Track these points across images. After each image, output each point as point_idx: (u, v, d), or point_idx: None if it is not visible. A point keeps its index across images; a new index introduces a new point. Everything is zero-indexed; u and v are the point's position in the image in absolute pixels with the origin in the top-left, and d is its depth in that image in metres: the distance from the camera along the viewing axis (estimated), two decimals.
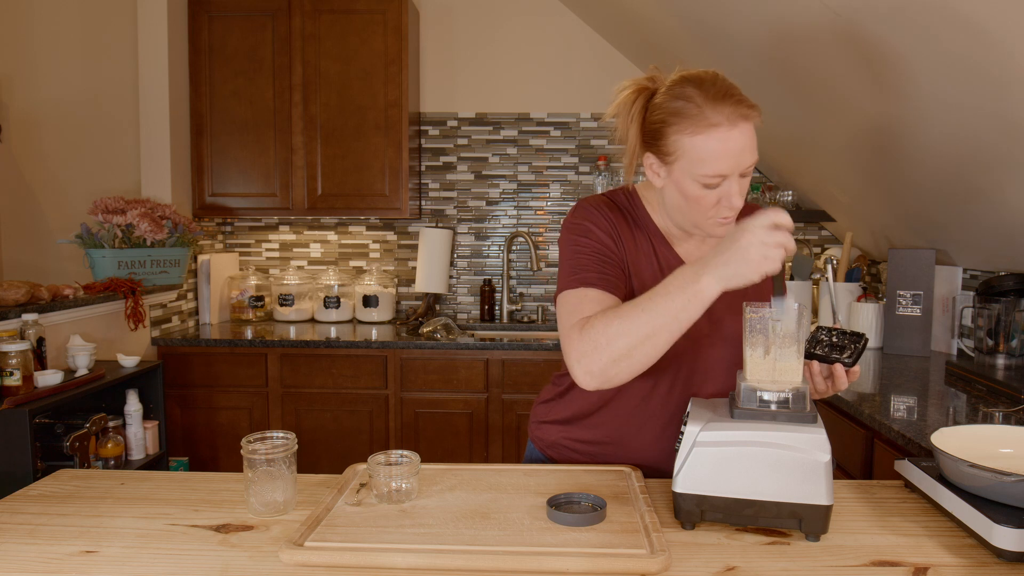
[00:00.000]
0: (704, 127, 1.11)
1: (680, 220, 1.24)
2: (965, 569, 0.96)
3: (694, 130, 1.12)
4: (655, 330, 1.05)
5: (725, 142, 1.11)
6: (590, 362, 1.09)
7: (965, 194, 2.21)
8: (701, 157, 1.12)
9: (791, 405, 1.07)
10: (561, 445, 1.40)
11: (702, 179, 1.14)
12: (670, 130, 1.15)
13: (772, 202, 3.36)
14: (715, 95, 1.12)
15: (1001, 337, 2.23)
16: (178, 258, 3.00)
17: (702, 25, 2.56)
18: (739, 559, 0.98)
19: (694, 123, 1.12)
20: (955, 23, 1.59)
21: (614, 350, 1.07)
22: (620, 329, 1.07)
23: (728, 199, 1.15)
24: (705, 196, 1.15)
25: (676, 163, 1.16)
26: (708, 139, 1.11)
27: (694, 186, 1.15)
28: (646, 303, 1.07)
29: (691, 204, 1.18)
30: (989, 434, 1.21)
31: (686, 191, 1.17)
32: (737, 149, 1.11)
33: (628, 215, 1.28)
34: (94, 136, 3.47)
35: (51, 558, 0.99)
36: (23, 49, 3.45)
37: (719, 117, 1.11)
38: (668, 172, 1.19)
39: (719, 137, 1.11)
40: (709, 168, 1.12)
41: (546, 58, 3.52)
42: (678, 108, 1.14)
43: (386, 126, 3.25)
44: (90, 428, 2.20)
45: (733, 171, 1.13)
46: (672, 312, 1.04)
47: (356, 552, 0.98)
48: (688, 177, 1.15)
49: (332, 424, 3.01)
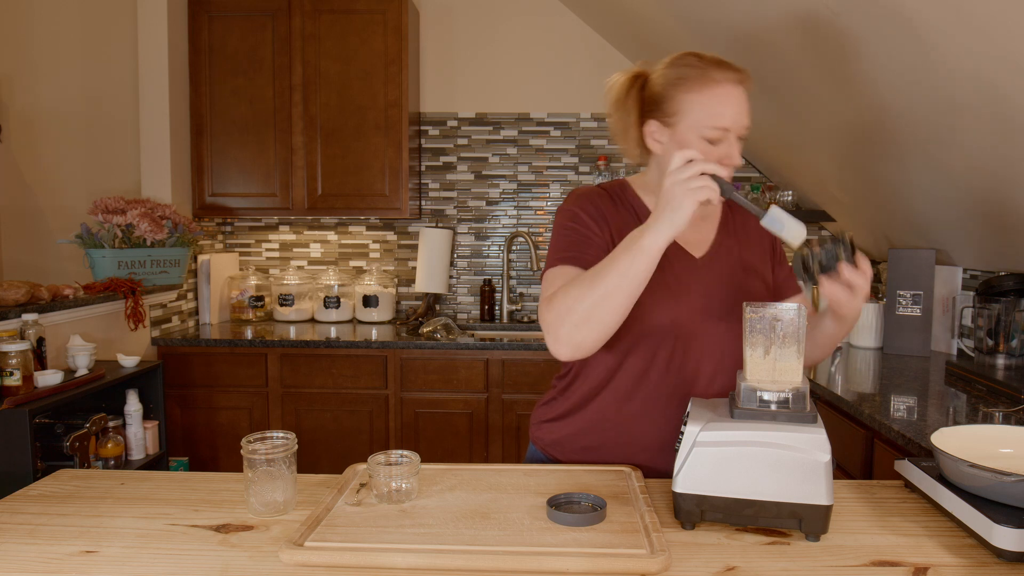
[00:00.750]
0: (710, 83, 1.21)
1: None
2: (965, 569, 0.96)
3: (700, 87, 1.21)
4: (609, 290, 1.12)
5: (729, 95, 1.21)
6: (557, 329, 1.16)
7: (965, 194, 2.21)
8: (708, 109, 1.21)
9: (791, 405, 1.07)
10: (561, 443, 1.40)
11: (708, 131, 1.21)
12: (674, 91, 1.23)
13: (772, 202, 3.36)
14: (714, 61, 1.23)
15: (1001, 337, 2.23)
16: (178, 258, 3.00)
17: (701, 24, 2.56)
18: (739, 559, 0.98)
19: (700, 81, 1.21)
20: (956, 22, 1.59)
21: (575, 315, 1.14)
22: (578, 294, 1.14)
23: (729, 157, 1.22)
24: (709, 151, 1.21)
25: (681, 122, 1.23)
26: (714, 93, 1.21)
27: (699, 142, 1.22)
28: (598, 267, 1.14)
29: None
30: (989, 434, 1.21)
31: (690, 147, 1.22)
32: (738, 104, 1.21)
33: (619, 201, 1.34)
34: (94, 136, 3.47)
35: (51, 558, 0.99)
36: (23, 49, 3.45)
37: (722, 75, 1.21)
38: (671, 134, 1.25)
39: (724, 91, 1.21)
40: (716, 119, 1.20)
41: (546, 58, 3.52)
42: (682, 73, 1.23)
43: (386, 126, 3.25)
44: (90, 428, 2.20)
45: (734, 125, 1.21)
46: (620, 270, 1.11)
47: (356, 552, 0.98)
48: (693, 132, 1.22)
49: (332, 424, 3.01)
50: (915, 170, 2.34)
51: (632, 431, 1.33)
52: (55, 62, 3.46)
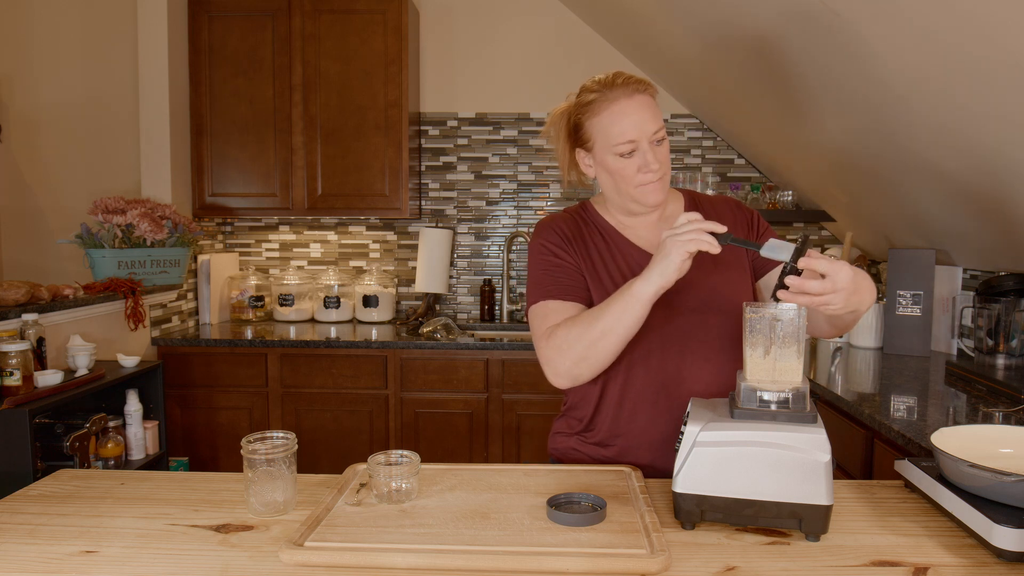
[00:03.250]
0: (605, 103, 1.30)
1: (619, 201, 1.38)
2: (965, 569, 0.96)
3: (599, 109, 1.31)
4: (604, 332, 1.23)
5: (624, 111, 1.29)
6: (556, 364, 1.28)
7: (965, 194, 2.21)
8: (609, 129, 1.30)
9: (791, 405, 1.07)
10: (572, 449, 1.44)
11: (616, 149, 1.30)
12: (583, 119, 1.33)
13: (772, 202, 3.36)
14: (609, 82, 1.32)
15: (1001, 337, 2.23)
16: (178, 258, 3.00)
17: (700, 23, 2.56)
18: (739, 559, 0.98)
19: (598, 104, 1.31)
20: (956, 21, 1.59)
21: (574, 352, 1.25)
22: (577, 334, 1.25)
23: (646, 164, 1.30)
24: (626, 166, 1.31)
25: (596, 146, 1.33)
26: (611, 112, 1.30)
27: (614, 160, 1.31)
28: (596, 311, 1.24)
29: (618, 179, 1.33)
30: (989, 434, 1.21)
31: (609, 167, 1.33)
32: (638, 114, 1.29)
33: (583, 221, 1.43)
34: (94, 136, 3.47)
35: (51, 558, 0.99)
36: (23, 49, 3.45)
37: (616, 94, 1.30)
38: (593, 158, 1.36)
39: (619, 108, 1.29)
40: (618, 136, 1.29)
41: (546, 58, 3.52)
42: (585, 100, 1.33)
43: (386, 126, 3.25)
44: (90, 428, 2.20)
45: (640, 136, 1.29)
46: (615, 315, 1.21)
47: (356, 552, 0.98)
48: (607, 153, 1.31)
49: (332, 424, 3.01)
50: (915, 170, 2.34)
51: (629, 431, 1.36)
52: (55, 62, 3.46)
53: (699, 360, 1.35)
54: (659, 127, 1.30)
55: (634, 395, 1.35)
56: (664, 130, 1.31)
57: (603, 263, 1.38)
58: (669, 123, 3.54)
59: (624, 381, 1.35)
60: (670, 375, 1.34)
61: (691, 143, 3.56)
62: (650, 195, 1.32)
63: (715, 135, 3.55)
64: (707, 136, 3.55)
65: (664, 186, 1.33)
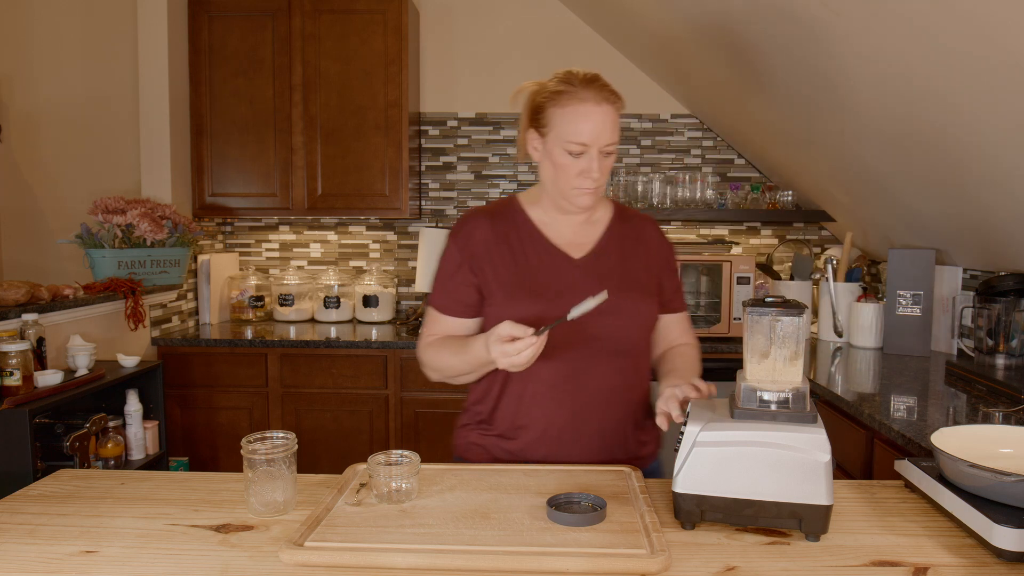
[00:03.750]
0: (575, 100, 1.33)
1: (553, 193, 1.42)
2: (965, 569, 0.96)
3: (567, 102, 1.34)
4: (459, 372, 1.41)
5: (589, 114, 1.32)
6: (429, 373, 1.47)
7: (965, 194, 2.21)
8: (568, 125, 1.33)
9: (791, 405, 1.07)
10: (473, 444, 1.48)
11: (568, 145, 1.33)
12: (548, 104, 1.36)
13: (772, 202, 3.36)
14: (586, 81, 1.35)
15: (1001, 337, 2.23)
16: (178, 258, 3.00)
17: (700, 23, 2.56)
18: (739, 559, 0.98)
19: (567, 97, 1.34)
20: (956, 22, 1.59)
21: (439, 374, 1.46)
22: (441, 364, 1.43)
23: (589, 171, 1.34)
24: (570, 164, 1.35)
25: (550, 133, 1.36)
26: (576, 110, 1.33)
27: (562, 155, 1.35)
28: (456, 352, 1.39)
29: (559, 172, 1.37)
30: (989, 434, 1.21)
31: (555, 159, 1.36)
32: (599, 123, 1.33)
33: (503, 217, 1.47)
34: (94, 136, 3.47)
35: (51, 558, 0.99)
36: (23, 49, 3.45)
37: (587, 95, 1.33)
38: (544, 143, 1.39)
39: (585, 110, 1.33)
40: (575, 135, 1.33)
41: (546, 58, 3.51)
42: (557, 88, 1.36)
43: (386, 126, 3.25)
44: (90, 428, 2.20)
45: (594, 142, 1.33)
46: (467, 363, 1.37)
47: (356, 552, 0.98)
48: (558, 145, 1.35)
49: (332, 424, 3.01)
50: (915, 170, 2.34)
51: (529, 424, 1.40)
52: (55, 62, 3.46)
53: (601, 358, 1.39)
54: (613, 141, 1.35)
55: (533, 391, 1.40)
56: (616, 145, 1.37)
57: (517, 260, 1.43)
58: (669, 123, 3.54)
59: (525, 377, 1.39)
60: (572, 373, 1.39)
61: (691, 143, 3.56)
62: (581, 199, 1.38)
63: (715, 135, 3.55)
64: (707, 136, 3.55)
65: (597, 195, 1.40)
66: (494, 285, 1.42)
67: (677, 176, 3.39)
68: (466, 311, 1.45)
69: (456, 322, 1.45)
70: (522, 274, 1.41)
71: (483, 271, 1.43)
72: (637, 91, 3.50)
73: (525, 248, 1.43)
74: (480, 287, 1.43)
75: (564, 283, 1.40)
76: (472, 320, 1.46)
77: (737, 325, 2.95)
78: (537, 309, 1.36)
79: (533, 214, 1.47)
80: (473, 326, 1.46)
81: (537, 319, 1.31)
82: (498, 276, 1.42)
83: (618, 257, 1.45)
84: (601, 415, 1.41)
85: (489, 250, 1.43)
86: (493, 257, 1.43)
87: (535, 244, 1.44)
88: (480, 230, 1.44)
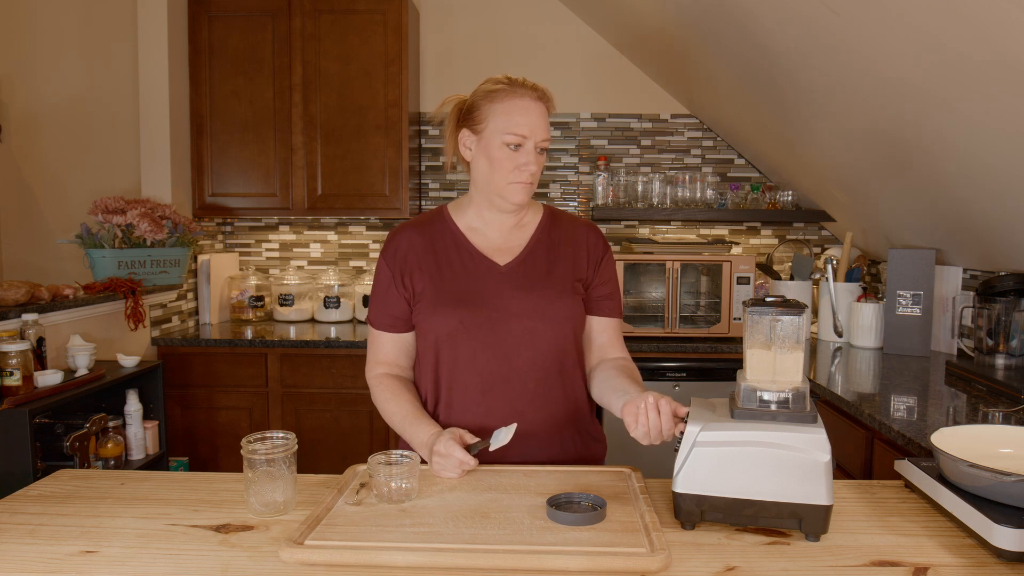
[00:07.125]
0: (512, 96, 1.39)
1: (486, 192, 1.43)
2: (965, 569, 0.96)
3: (503, 98, 1.39)
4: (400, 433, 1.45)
5: (527, 108, 1.38)
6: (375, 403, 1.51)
7: (964, 194, 2.21)
8: (508, 118, 1.37)
9: (791, 405, 1.07)
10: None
11: (507, 137, 1.37)
12: (483, 102, 1.40)
13: (772, 202, 3.36)
14: (518, 82, 1.41)
15: (1001, 337, 2.23)
16: (178, 258, 3.00)
17: (700, 22, 2.56)
18: (739, 559, 0.98)
19: (503, 94, 1.39)
20: (957, 23, 1.59)
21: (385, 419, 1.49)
22: (383, 410, 1.48)
23: (526, 165, 1.38)
24: (507, 157, 1.38)
25: (486, 129, 1.39)
26: (514, 104, 1.38)
27: (499, 148, 1.38)
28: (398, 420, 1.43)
29: (495, 167, 1.39)
30: (989, 434, 1.21)
31: (492, 154, 1.39)
32: (536, 118, 1.38)
33: (431, 229, 1.49)
34: (94, 136, 3.47)
35: (51, 558, 1.00)
36: (23, 49, 3.45)
37: (521, 93, 1.39)
38: (478, 140, 1.42)
39: (523, 104, 1.38)
40: (514, 127, 1.36)
41: (546, 58, 3.52)
42: (491, 88, 1.41)
43: (386, 126, 3.25)
44: (90, 428, 2.20)
45: (532, 135, 1.37)
46: (402, 434, 1.44)
47: (356, 550, 0.98)
48: (495, 138, 1.38)
49: (332, 424, 3.01)
50: (913, 169, 2.34)
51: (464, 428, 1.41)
52: (55, 62, 3.46)
53: (529, 363, 1.41)
54: (547, 139, 1.40)
55: (462, 399, 1.42)
56: (549, 143, 1.41)
57: (442, 268, 1.45)
58: (669, 123, 3.54)
59: (455, 386, 1.43)
60: (502, 378, 1.41)
61: (691, 143, 3.56)
62: (516, 194, 1.40)
63: (715, 135, 3.55)
64: (707, 136, 3.55)
65: (530, 191, 1.42)
66: (421, 294, 1.44)
67: (677, 176, 3.39)
68: (403, 326, 1.48)
69: (394, 338, 1.49)
70: (447, 282, 1.43)
71: (412, 282, 1.45)
72: (637, 91, 3.50)
73: (451, 256, 1.46)
74: (409, 299, 1.46)
75: (490, 290, 1.42)
76: (408, 335, 1.49)
77: (737, 325, 2.95)
78: (461, 316, 1.40)
79: (461, 222, 1.49)
80: (410, 341, 1.50)
81: (460, 327, 1.39)
82: (425, 285, 1.44)
83: (545, 261, 1.47)
84: (533, 418, 1.41)
85: (418, 260, 1.46)
86: (421, 267, 1.45)
87: (461, 252, 1.46)
88: (407, 242, 1.47)
